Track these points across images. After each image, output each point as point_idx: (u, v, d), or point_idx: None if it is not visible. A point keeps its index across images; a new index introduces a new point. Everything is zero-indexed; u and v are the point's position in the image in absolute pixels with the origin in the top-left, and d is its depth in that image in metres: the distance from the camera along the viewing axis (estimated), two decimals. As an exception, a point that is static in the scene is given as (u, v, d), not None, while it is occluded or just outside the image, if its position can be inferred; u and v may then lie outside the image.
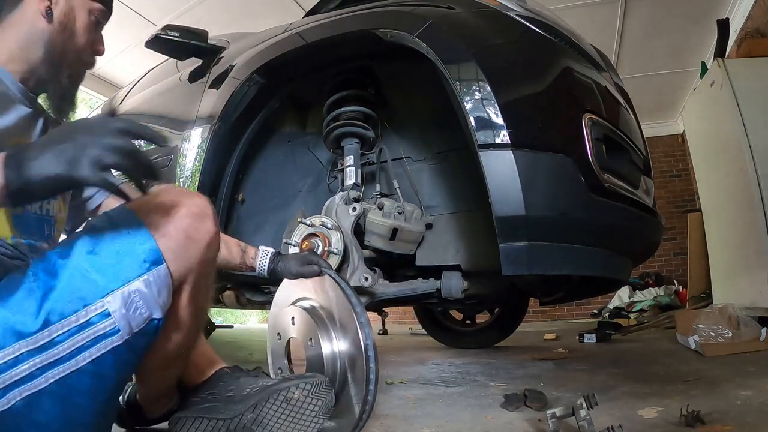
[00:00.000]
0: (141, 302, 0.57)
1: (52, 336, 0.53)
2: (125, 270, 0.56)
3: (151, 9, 3.37)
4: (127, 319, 0.56)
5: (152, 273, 0.58)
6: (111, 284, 0.55)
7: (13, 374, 0.51)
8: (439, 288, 1.42)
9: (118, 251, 0.57)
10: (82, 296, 0.54)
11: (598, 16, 3.43)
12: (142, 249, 0.58)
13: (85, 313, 0.54)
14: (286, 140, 1.65)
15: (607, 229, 1.15)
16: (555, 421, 0.80)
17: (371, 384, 0.82)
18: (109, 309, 0.55)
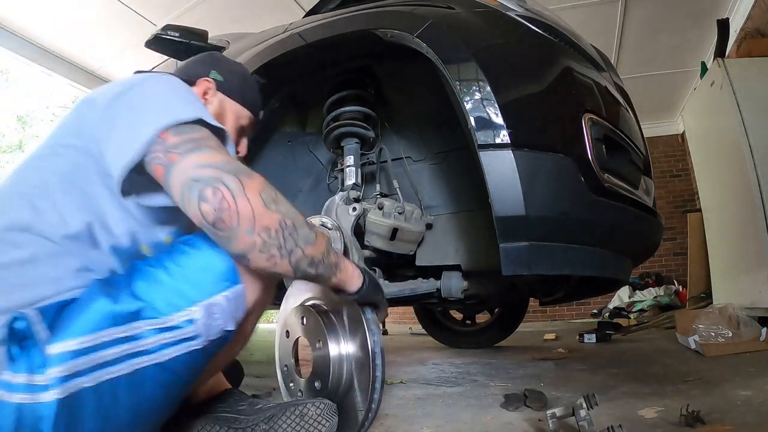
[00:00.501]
0: (219, 315, 0.64)
1: (142, 329, 0.59)
2: (209, 285, 0.63)
3: (151, 9, 3.36)
4: (207, 328, 0.62)
5: (231, 291, 0.65)
6: (197, 296, 0.62)
7: (104, 355, 0.56)
8: (439, 288, 1.42)
9: (204, 268, 0.64)
10: (173, 302, 0.61)
11: (598, 16, 3.43)
12: (223, 268, 0.65)
13: (173, 318, 0.60)
14: (286, 140, 1.65)
15: (607, 229, 1.15)
16: (555, 421, 0.80)
17: (376, 392, 0.84)
18: (194, 317, 0.61)
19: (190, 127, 0.64)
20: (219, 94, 0.96)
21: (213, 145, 0.63)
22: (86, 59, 3.93)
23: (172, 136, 0.62)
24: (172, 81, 0.73)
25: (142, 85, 0.69)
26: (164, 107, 0.66)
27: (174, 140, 0.61)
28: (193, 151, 0.61)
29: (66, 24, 3.46)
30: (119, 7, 3.31)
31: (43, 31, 3.52)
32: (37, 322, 0.56)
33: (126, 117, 0.66)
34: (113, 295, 0.60)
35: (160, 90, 0.69)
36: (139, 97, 0.68)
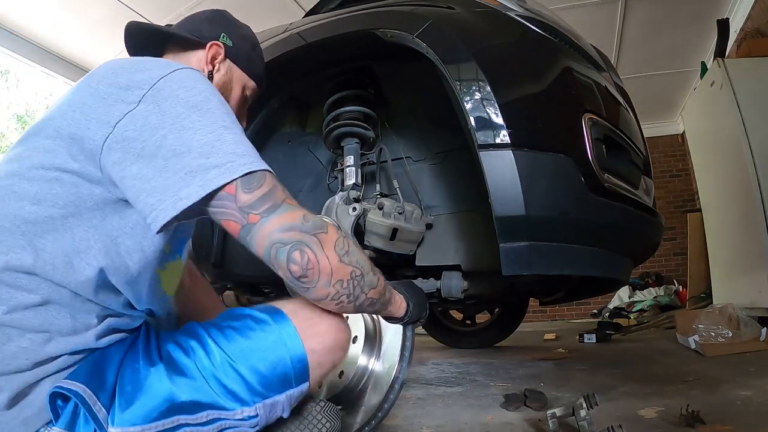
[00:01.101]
0: (281, 408, 0.66)
1: (207, 418, 0.61)
2: (279, 385, 0.65)
3: (151, 9, 3.36)
4: (266, 419, 0.65)
5: (297, 389, 0.67)
6: (265, 392, 0.64)
7: None
8: (439, 288, 1.41)
9: (276, 364, 0.64)
10: (240, 397, 0.62)
11: (598, 16, 3.43)
12: (295, 368, 0.66)
13: (240, 412, 0.62)
14: (286, 140, 1.65)
15: (607, 229, 1.14)
16: (555, 421, 0.80)
17: (381, 412, 0.86)
18: (258, 413, 0.64)
19: (251, 179, 0.60)
20: (227, 60, 0.89)
21: (285, 199, 0.62)
22: (86, 59, 3.93)
23: (241, 192, 0.59)
24: (211, 101, 0.63)
25: (163, 109, 0.60)
26: (207, 155, 0.59)
27: (246, 198, 0.59)
28: (273, 213, 0.60)
29: (66, 24, 3.46)
30: (119, 7, 3.31)
31: (43, 31, 3.52)
32: (92, 403, 0.56)
33: (153, 158, 0.58)
34: (179, 382, 0.61)
35: (193, 123, 0.60)
36: (165, 131, 0.59)
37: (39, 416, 0.58)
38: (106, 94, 0.61)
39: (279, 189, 0.62)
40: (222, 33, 0.89)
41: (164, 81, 0.62)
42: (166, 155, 0.58)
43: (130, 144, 0.59)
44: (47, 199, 0.59)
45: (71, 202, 0.60)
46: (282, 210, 0.61)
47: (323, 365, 0.70)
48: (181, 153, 0.58)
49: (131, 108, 0.60)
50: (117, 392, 0.59)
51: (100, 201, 0.61)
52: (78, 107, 0.62)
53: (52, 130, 0.62)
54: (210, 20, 0.91)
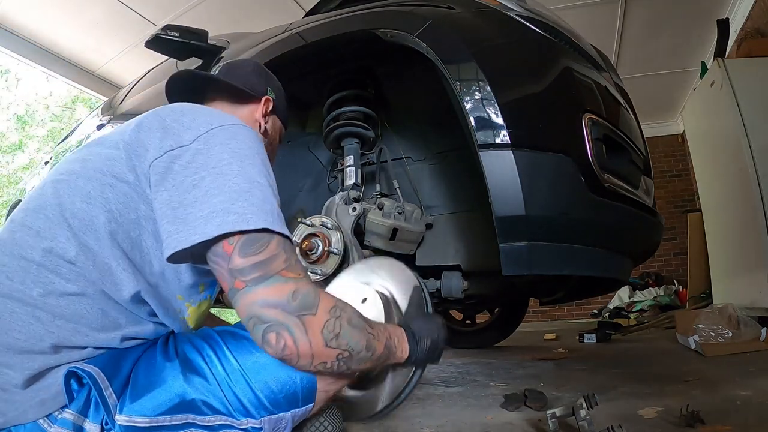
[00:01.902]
0: (284, 425, 0.66)
1: (214, 422, 0.62)
2: (285, 403, 0.65)
3: (151, 9, 3.36)
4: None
5: (303, 409, 0.67)
6: (271, 407, 0.64)
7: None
8: (439, 288, 1.42)
9: (285, 383, 0.65)
10: (247, 409, 0.63)
11: (598, 16, 3.43)
12: (304, 388, 0.66)
13: (246, 422, 0.63)
14: (286, 140, 1.65)
15: (607, 229, 1.15)
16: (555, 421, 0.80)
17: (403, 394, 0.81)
18: (263, 427, 0.64)
19: (257, 239, 0.59)
20: (273, 113, 0.96)
21: (282, 270, 0.60)
22: (86, 59, 3.93)
23: (237, 255, 0.58)
24: (255, 158, 0.65)
25: (211, 152, 0.63)
26: (232, 201, 0.60)
27: (239, 262, 0.58)
28: (260, 283, 0.58)
29: (66, 24, 3.46)
30: (119, 7, 3.31)
31: (43, 31, 3.52)
32: (104, 387, 0.58)
33: (186, 192, 0.61)
34: (192, 381, 0.62)
35: (232, 170, 0.62)
36: (205, 172, 0.61)
37: (55, 400, 0.59)
38: (169, 127, 0.66)
39: (280, 258, 0.60)
40: (268, 87, 0.95)
41: (221, 129, 0.66)
42: (198, 194, 0.60)
43: (172, 174, 0.62)
44: (98, 201, 0.63)
45: (117, 210, 0.64)
46: (271, 282, 0.58)
47: (329, 391, 0.70)
48: (211, 195, 0.60)
49: (185, 143, 0.64)
50: (130, 383, 0.61)
51: (142, 216, 0.65)
52: (144, 129, 0.67)
53: (117, 142, 0.67)
54: (257, 73, 0.95)
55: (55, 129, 8.73)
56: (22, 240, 0.62)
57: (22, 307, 0.60)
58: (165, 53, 1.66)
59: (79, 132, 2.57)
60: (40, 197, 0.66)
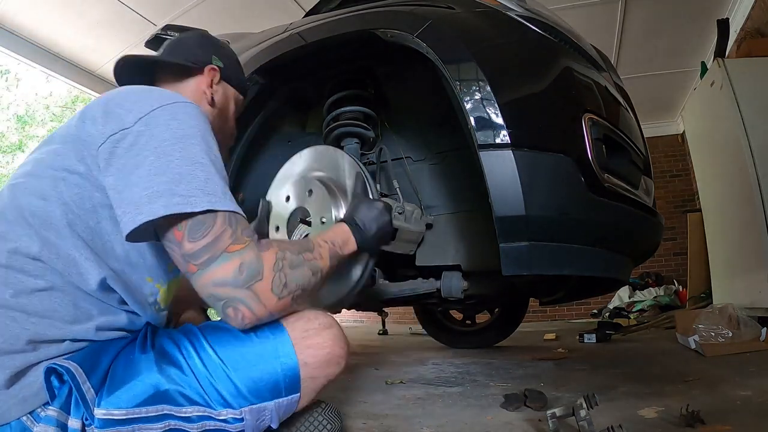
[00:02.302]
0: (269, 417, 0.66)
1: (191, 414, 0.62)
2: (268, 393, 0.65)
3: (151, 9, 3.36)
4: (253, 428, 0.65)
5: (286, 399, 0.67)
6: (252, 398, 0.64)
7: (148, 427, 0.60)
8: (439, 288, 1.41)
9: (267, 372, 0.65)
10: (227, 399, 0.63)
11: (598, 16, 3.43)
12: (286, 376, 0.66)
13: (225, 413, 0.63)
14: (286, 140, 1.65)
15: (607, 229, 1.14)
16: (555, 421, 0.80)
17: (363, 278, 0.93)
18: (245, 417, 0.64)
19: (203, 222, 0.62)
20: (222, 81, 0.94)
21: (228, 246, 0.62)
22: (86, 59, 3.93)
23: (187, 241, 0.61)
24: (191, 132, 0.66)
25: (152, 132, 0.64)
26: (176, 183, 0.61)
27: (189, 247, 0.61)
28: (210, 265, 0.61)
29: (66, 24, 3.46)
30: (119, 7, 3.30)
31: (43, 31, 3.52)
32: (82, 382, 0.59)
33: (130, 174, 0.62)
34: (167, 372, 0.62)
35: (174, 151, 0.63)
36: (148, 152, 0.62)
37: (37, 397, 0.60)
38: (111, 111, 0.67)
39: (226, 235, 0.62)
40: (213, 56, 0.94)
41: (162, 109, 0.66)
42: (141, 173, 0.62)
43: (115, 158, 0.64)
44: (52, 196, 0.65)
45: (73, 201, 0.65)
46: (219, 262, 0.62)
47: (316, 379, 0.70)
48: (155, 174, 0.61)
49: (126, 126, 0.64)
50: (108, 377, 0.61)
51: (98, 204, 0.66)
52: (88, 119, 0.68)
53: (64, 136, 0.69)
54: (200, 44, 0.95)
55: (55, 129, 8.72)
56: None
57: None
58: (165, 53, 1.65)
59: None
60: (1, 203, 0.67)
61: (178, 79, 0.91)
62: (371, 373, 1.73)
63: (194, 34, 1.00)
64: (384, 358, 2.27)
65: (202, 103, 0.90)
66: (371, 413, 1.10)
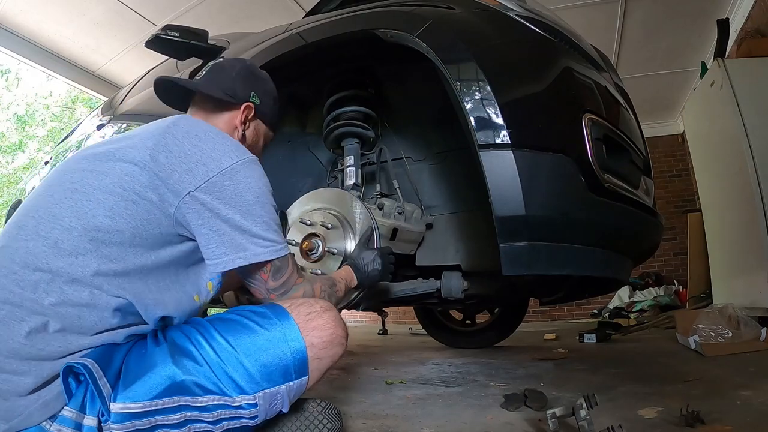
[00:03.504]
0: (280, 401, 0.69)
1: (206, 403, 0.64)
2: (279, 376, 0.68)
3: (151, 9, 3.36)
4: (266, 412, 0.68)
5: (297, 382, 0.70)
6: (264, 383, 0.67)
7: (165, 419, 0.62)
8: (439, 288, 1.42)
9: (277, 355, 0.69)
10: (241, 385, 0.66)
11: (598, 16, 3.43)
12: (296, 362, 0.70)
13: (240, 399, 0.65)
14: (286, 140, 1.65)
15: (607, 229, 1.15)
16: (555, 421, 0.80)
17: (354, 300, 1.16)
18: (258, 402, 0.67)
19: (282, 265, 0.80)
20: (255, 118, 0.97)
21: (294, 281, 0.83)
22: (86, 59, 3.93)
23: (271, 280, 0.79)
24: (266, 195, 0.78)
25: (237, 189, 0.74)
26: (265, 230, 0.76)
27: (273, 285, 0.80)
28: (286, 294, 0.81)
29: (66, 24, 3.46)
30: (119, 7, 3.31)
31: (43, 31, 3.52)
32: (98, 377, 0.59)
33: (226, 223, 0.73)
34: (181, 363, 0.64)
35: (258, 204, 0.76)
36: (238, 206, 0.73)
37: (57, 400, 0.61)
38: (190, 154, 0.73)
39: (294, 275, 0.82)
40: (252, 92, 0.95)
41: (242, 165, 0.75)
42: (234, 225, 0.73)
43: (209, 205, 0.72)
44: (122, 215, 0.68)
45: (141, 225, 0.68)
46: (291, 292, 0.82)
47: (322, 359, 0.72)
48: (244, 229, 0.74)
49: (211, 176, 0.72)
50: (122, 372, 0.62)
51: (164, 233, 0.71)
52: (162, 152, 0.72)
53: (134, 158, 0.71)
54: (242, 78, 0.95)
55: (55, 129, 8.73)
56: (37, 249, 0.64)
57: (32, 316, 0.61)
58: (165, 53, 1.66)
59: (79, 132, 2.57)
60: (54, 206, 0.67)
61: (213, 109, 0.93)
62: (371, 373, 1.73)
63: (238, 65, 0.98)
64: (384, 358, 2.27)
65: (233, 136, 0.92)
66: (371, 413, 1.10)
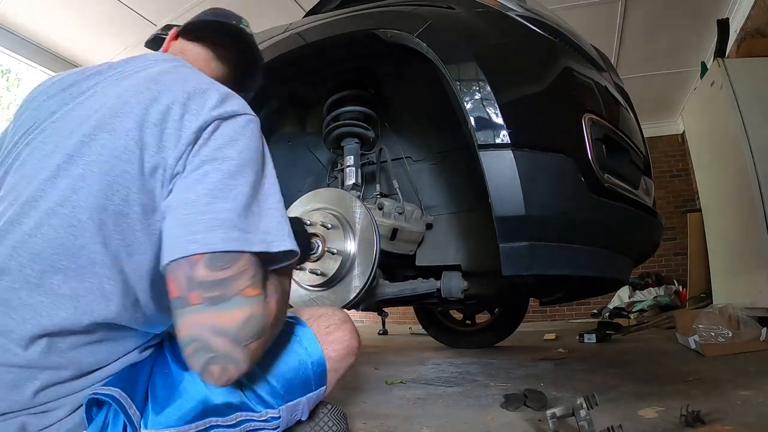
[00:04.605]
0: (301, 411, 0.70)
1: (236, 420, 0.64)
2: (300, 389, 0.69)
3: (151, 9, 3.36)
4: (287, 422, 0.69)
5: (316, 393, 0.71)
6: (287, 396, 0.68)
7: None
8: (439, 288, 1.42)
9: (297, 369, 0.69)
10: (265, 400, 0.66)
11: (598, 16, 3.43)
12: (315, 372, 0.70)
13: (265, 414, 0.66)
14: (286, 140, 1.65)
15: (607, 229, 1.15)
16: (555, 421, 0.80)
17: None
18: (281, 415, 0.67)
19: (228, 258, 0.53)
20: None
21: (242, 290, 0.53)
22: (86, 59, 3.93)
23: (203, 267, 0.52)
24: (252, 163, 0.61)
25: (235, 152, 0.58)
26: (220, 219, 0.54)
27: (202, 274, 0.52)
28: (216, 305, 0.52)
29: (66, 24, 3.46)
30: (119, 7, 3.31)
31: (43, 31, 3.52)
32: (128, 406, 0.57)
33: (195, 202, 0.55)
34: (211, 386, 0.62)
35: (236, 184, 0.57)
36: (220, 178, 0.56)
37: (79, 426, 0.59)
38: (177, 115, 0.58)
39: (246, 275, 0.54)
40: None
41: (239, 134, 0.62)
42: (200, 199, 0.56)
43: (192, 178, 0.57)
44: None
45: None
46: (228, 306, 0.53)
47: (338, 371, 0.74)
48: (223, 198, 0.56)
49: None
50: (150, 397, 0.61)
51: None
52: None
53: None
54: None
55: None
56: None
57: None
58: (165, 53, 1.65)
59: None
60: None
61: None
62: (371, 373, 1.73)
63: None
64: (384, 358, 2.27)
65: None
66: (371, 413, 1.10)
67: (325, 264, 1.23)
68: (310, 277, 1.24)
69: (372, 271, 1.21)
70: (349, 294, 1.22)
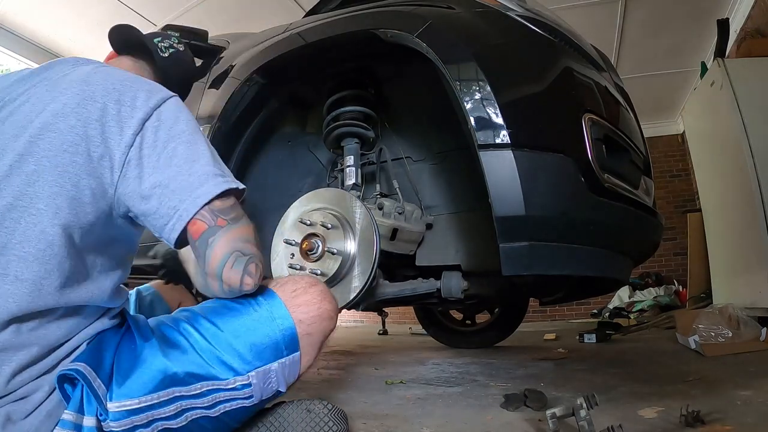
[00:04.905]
0: (275, 379, 0.70)
1: (201, 390, 0.64)
2: (270, 353, 0.69)
3: (151, 9, 3.37)
4: (261, 391, 0.69)
5: (289, 358, 0.71)
6: (257, 362, 0.67)
7: (162, 411, 0.62)
8: (439, 288, 1.41)
9: (266, 334, 0.69)
10: (233, 367, 0.66)
11: (598, 16, 3.43)
12: (285, 337, 0.70)
13: (233, 381, 0.66)
14: (286, 140, 1.65)
15: (607, 229, 1.14)
16: (555, 421, 0.80)
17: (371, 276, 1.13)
18: (252, 382, 0.67)
19: (227, 194, 0.68)
20: None
21: (244, 215, 0.70)
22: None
23: (218, 201, 0.66)
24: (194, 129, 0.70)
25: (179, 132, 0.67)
26: (206, 172, 0.66)
27: (219, 205, 0.66)
28: (238, 222, 0.68)
29: (66, 24, 3.46)
30: (119, 7, 3.31)
31: (43, 31, 3.52)
32: (92, 379, 0.59)
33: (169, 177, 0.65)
34: (171, 355, 0.64)
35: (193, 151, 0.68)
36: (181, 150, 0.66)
37: (58, 407, 0.61)
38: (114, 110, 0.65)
39: (239, 204, 0.71)
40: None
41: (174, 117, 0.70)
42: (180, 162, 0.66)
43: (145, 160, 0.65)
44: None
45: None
46: (244, 222, 0.69)
47: (312, 335, 0.73)
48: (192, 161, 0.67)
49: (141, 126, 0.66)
50: (114, 370, 0.63)
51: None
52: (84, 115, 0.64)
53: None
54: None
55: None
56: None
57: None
58: (165, 53, 1.65)
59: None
60: None
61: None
62: (371, 373, 1.73)
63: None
64: (384, 358, 2.27)
65: None
66: (371, 413, 1.10)
67: (325, 264, 1.23)
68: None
69: (372, 271, 1.20)
70: (349, 294, 1.22)
